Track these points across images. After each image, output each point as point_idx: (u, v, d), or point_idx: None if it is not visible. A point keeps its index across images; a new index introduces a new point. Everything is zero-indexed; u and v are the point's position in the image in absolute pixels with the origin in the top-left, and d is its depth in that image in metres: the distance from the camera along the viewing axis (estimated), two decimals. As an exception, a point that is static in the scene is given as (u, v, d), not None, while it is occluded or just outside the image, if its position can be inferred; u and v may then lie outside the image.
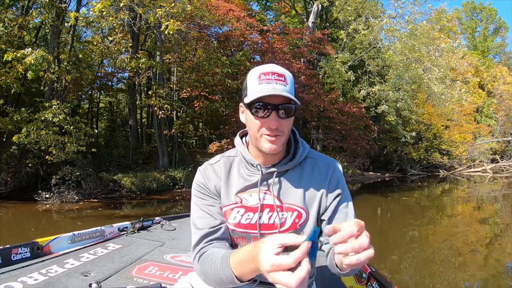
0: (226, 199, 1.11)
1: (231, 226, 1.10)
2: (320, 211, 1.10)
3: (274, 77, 0.99)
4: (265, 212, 1.08)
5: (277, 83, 0.99)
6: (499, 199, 12.08)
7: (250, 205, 1.08)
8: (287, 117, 1.01)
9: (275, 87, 0.98)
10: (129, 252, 2.26)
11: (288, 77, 1.01)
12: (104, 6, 7.95)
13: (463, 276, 4.44)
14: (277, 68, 1.02)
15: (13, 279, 1.72)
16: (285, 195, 1.08)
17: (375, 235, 6.82)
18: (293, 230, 1.06)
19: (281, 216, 1.07)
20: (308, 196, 1.09)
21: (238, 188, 1.10)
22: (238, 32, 13.52)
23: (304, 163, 1.12)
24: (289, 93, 0.99)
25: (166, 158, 12.96)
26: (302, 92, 13.67)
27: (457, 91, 15.55)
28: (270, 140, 1.01)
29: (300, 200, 1.07)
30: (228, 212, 1.10)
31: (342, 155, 18.31)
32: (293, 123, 1.07)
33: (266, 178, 1.09)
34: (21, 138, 8.31)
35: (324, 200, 1.10)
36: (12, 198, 9.03)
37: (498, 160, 24.15)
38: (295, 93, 1.04)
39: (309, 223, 1.08)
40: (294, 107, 1.00)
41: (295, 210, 1.07)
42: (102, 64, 15.58)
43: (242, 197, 1.09)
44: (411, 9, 15.48)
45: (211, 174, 1.13)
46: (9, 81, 8.62)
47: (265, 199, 1.07)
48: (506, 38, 36.37)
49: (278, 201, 1.08)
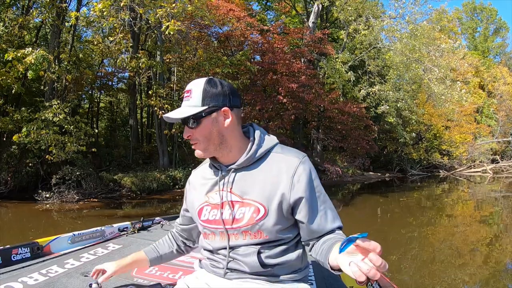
0: (199, 200, 1.22)
1: (203, 223, 1.20)
2: (283, 207, 1.09)
3: (184, 95, 1.15)
4: (226, 208, 1.13)
5: (184, 100, 1.13)
6: (499, 200, 12.08)
7: (214, 202, 1.16)
8: (195, 127, 1.12)
9: (182, 105, 1.13)
10: (129, 252, 2.25)
11: (194, 90, 1.12)
12: (104, 6, 7.97)
13: (463, 276, 4.44)
14: (189, 85, 1.15)
15: (13, 279, 1.72)
16: (244, 191, 1.12)
17: (375, 235, 6.81)
18: (251, 225, 1.10)
19: (240, 212, 1.12)
20: (267, 192, 1.09)
21: (206, 188, 1.20)
22: (239, 32, 13.53)
23: (267, 158, 1.14)
24: (192, 105, 1.11)
25: (166, 158, 12.96)
26: (303, 92, 13.68)
27: (458, 92, 15.56)
28: (193, 148, 1.15)
29: (258, 196, 1.10)
30: (200, 211, 1.21)
31: (343, 155, 18.33)
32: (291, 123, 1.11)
33: (224, 176, 1.15)
34: (21, 137, 8.32)
35: (287, 196, 1.08)
36: (12, 197, 9.05)
37: (498, 160, 24.13)
38: (205, 99, 1.11)
39: (269, 219, 1.09)
40: (199, 116, 1.10)
41: (253, 205, 1.10)
42: (103, 64, 15.57)
43: (209, 196, 1.18)
44: (411, 9, 15.52)
45: (193, 180, 1.29)
46: (10, 80, 8.63)
47: (226, 196, 1.13)
48: (507, 39, 36.36)
49: (237, 197, 1.12)
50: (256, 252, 1.11)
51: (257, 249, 1.11)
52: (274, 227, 1.10)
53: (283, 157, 1.13)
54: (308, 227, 1.10)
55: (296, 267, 1.17)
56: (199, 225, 1.23)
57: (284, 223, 1.11)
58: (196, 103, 1.11)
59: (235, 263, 1.14)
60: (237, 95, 1.16)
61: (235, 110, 1.14)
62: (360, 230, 1.01)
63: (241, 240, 1.12)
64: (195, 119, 1.10)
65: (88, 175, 9.90)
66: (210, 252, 1.22)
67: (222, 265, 1.17)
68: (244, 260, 1.12)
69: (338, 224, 1.13)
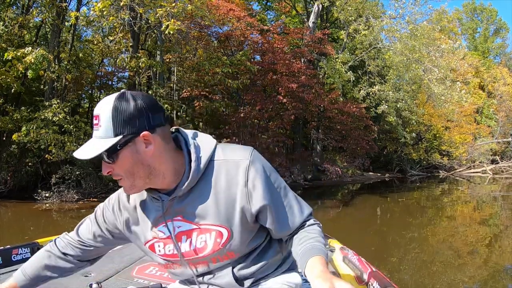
0: (144, 235, 1.04)
1: (162, 257, 1.05)
2: (246, 219, 0.97)
3: (94, 121, 0.90)
4: (183, 240, 0.99)
5: (94, 129, 0.90)
6: (499, 200, 12.09)
7: (165, 237, 1.00)
8: (111, 162, 0.89)
9: (93, 136, 0.90)
10: (129, 252, 2.26)
11: (102, 115, 0.87)
12: (104, 6, 7.96)
13: (463, 276, 4.44)
14: (96, 108, 0.90)
15: (13, 279, 1.72)
16: (198, 217, 0.97)
17: (375, 235, 6.83)
18: (218, 251, 0.98)
19: (200, 240, 0.98)
20: (224, 211, 0.95)
21: (150, 223, 1.01)
22: (239, 31, 13.52)
23: (209, 172, 0.96)
24: (101, 136, 0.87)
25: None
26: (303, 92, 13.68)
27: (457, 92, 15.57)
28: (120, 184, 0.96)
29: (215, 218, 0.96)
30: (151, 247, 1.05)
31: (342, 155, 18.32)
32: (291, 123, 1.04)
33: (170, 206, 0.97)
34: (21, 136, 8.31)
35: (247, 208, 0.95)
36: (11, 197, 9.04)
37: (498, 161, 24.14)
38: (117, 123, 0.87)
39: (235, 239, 0.97)
40: (112, 149, 0.87)
41: (213, 230, 0.97)
42: (103, 64, 15.54)
43: (156, 231, 1.01)
44: (411, 9, 15.51)
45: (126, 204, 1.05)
46: (9, 80, 8.62)
47: (179, 227, 0.98)
48: (507, 39, 36.38)
49: (193, 225, 0.98)
50: (230, 272, 1.01)
51: (230, 267, 1.01)
52: (242, 243, 0.99)
53: (228, 163, 0.96)
54: (278, 230, 1.00)
55: (278, 262, 1.08)
56: (157, 258, 1.06)
57: (251, 234, 1.01)
58: (107, 134, 0.87)
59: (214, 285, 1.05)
60: (157, 109, 0.91)
61: (159, 130, 0.90)
62: (360, 230, 1.00)
63: (212, 265, 1.02)
64: (109, 155, 0.87)
65: (88, 174, 9.89)
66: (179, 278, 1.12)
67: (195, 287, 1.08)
68: (219, 283, 1.03)
69: (307, 212, 1.02)
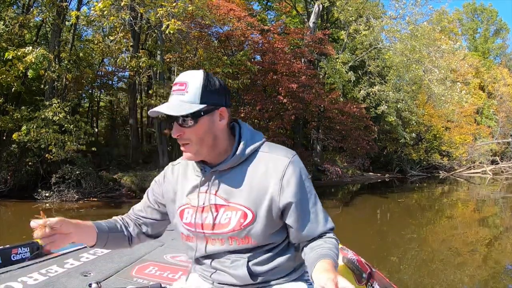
0: (179, 201, 1.12)
1: (185, 226, 1.10)
2: (272, 211, 1.02)
3: (176, 87, 1.00)
4: (210, 212, 1.05)
5: (176, 94, 0.99)
6: (499, 201, 12.09)
7: (196, 205, 1.07)
8: (189, 125, 0.98)
9: (172, 100, 0.99)
10: (129, 252, 2.26)
11: (191, 84, 0.98)
12: (105, 6, 7.96)
13: (462, 276, 4.44)
14: (182, 77, 1.01)
15: (13, 279, 1.72)
16: (230, 195, 1.03)
17: (374, 235, 6.83)
18: (238, 231, 1.03)
19: (225, 216, 1.04)
20: (255, 196, 1.02)
21: (187, 190, 1.10)
22: (239, 31, 13.53)
23: (253, 159, 1.05)
24: (188, 101, 0.97)
25: (166, 158, 12.94)
26: (303, 92, 13.68)
27: (458, 93, 15.58)
28: (182, 149, 1.03)
29: (245, 200, 1.02)
30: (181, 213, 1.12)
31: (342, 155, 18.33)
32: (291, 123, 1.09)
33: (209, 179, 1.06)
34: (21, 136, 8.32)
35: (277, 200, 1.01)
36: (12, 196, 9.04)
37: (498, 161, 24.14)
38: (203, 94, 0.99)
39: (257, 224, 1.02)
40: (197, 113, 0.97)
41: (240, 210, 1.02)
42: (103, 63, 15.56)
43: (191, 198, 1.08)
44: (412, 10, 15.53)
45: (169, 176, 1.17)
46: (10, 79, 8.63)
47: (210, 199, 1.05)
48: (507, 40, 36.33)
49: (223, 201, 1.04)
50: (245, 264, 1.05)
51: (246, 259, 1.05)
52: (263, 232, 1.03)
53: (271, 157, 1.04)
54: (299, 232, 1.04)
55: (289, 269, 1.12)
56: (181, 227, 1.13)
57: (273, 227, 1.05)
58: (194, 99, 0.97)
59: (222, 275, 1.09)
60: (230, 93, 1.07)
61: (228, 111, 1.05)
62: (360, 230, 1.01)
63: (228, 245, 1.05)
64: (192, 118, 0.97)
65: (88, 174, 9.89)
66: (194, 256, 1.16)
67: (209, 273, 1.12)
68: (233, 273, 1.07)
69: (330, 226, 1.07)
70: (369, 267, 1.84)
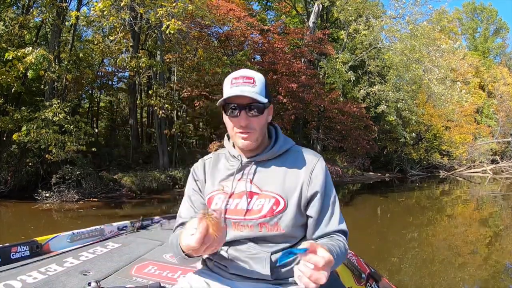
0: (209, 189, 1.20)
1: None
2: (301, 202, 1.12)
3: (242, 80, 1.10)
4: (243, 199, 1.12)
5: (245, 85, 1.09)
6: (499, 200, 12.08)
7: (229, 191, 1.14)
8: (256, 115, 1.10)
9: (242, 90, 1.08)
10: (128, 251, 2.26)
11: (257, 79, 1.11)
12: (105, 6, 7.95)
13: (463, 276, 4.44)
14: (247, 72, 1.13)
15: (12, 277, 1.72)
16: (264, 183, 1.12)
17: (374, 235, 6.82)
18: (270, 217, 1.09)
19: (259, 203, 1.11)
20: (287, 185, 1.12)
21: (221, 177, 1.19)
22: (239, 31, 13.53)
23: (286, 155, 1.18)
24: (258, 93, 1.09)
25: (166, 158, 12.96)
26: (303, 92, 13.68)
27: (458, 92, 15.56)
28: (242, 137, 1.12)
29: (278, 188, 1.11)
30: (211, 199, 1.18)
31: (342, 155, 18.32)
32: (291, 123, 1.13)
33: (245, 167, 1.16)
34: (21, 136, 8.32)
35: (305, 190, 1.12)
36: (12, 197, 9.03)
37: (498, 161, 24.13)
38: (266, 92, 1.13)
39: (288, 212, 1.10)
40: (262, 106, 1.10)
41: (273, 197, 1.10)
42: (103, 64, 15.57)
43: (224, 185, 1.16)
44: (411, 9, 15.51)
45: (201, 170, 1.25)
46: (10, 80, 8.62)
47: (246, 186, 1.13)
48: (507, 39, 36.34)
49: (257, 188, 1.12)
50: (268, 257, 1.10)
51: (269, 253, 1.10)
52: (291, 221, 1.10)
53: (302, 154, 1.18)
54: (317, 223, 1.12)
55: None
56: None
57: (299, 218, 1.13)
58: (261, 93, 1.11)
59: (241, 266, 1.12)
60: None
61: None
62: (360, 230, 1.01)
63: (256, 231, 1.11)
64: (263, 107, 1.11)
65: (88, 174, 9.89)
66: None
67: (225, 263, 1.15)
68: (254, 265, 1.10)
69: (344, 228, 1.14)
70: (369, 268, 1.85)
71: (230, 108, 1.10)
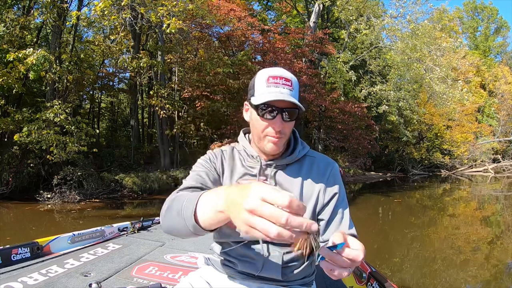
0: (228, 180, 1.15)
1: None
2: (316, 207, 1.12)
3: (281, 81, 1.04)
4: None
5: (284, 87, 1.04)
6: (501, 199, 12.05)
7: None
8: (290, 120, 1.07)
9: (282, 91, 1.03)
10: (129, 252, 2.26)
11: (294, 82, 1.06)
12: (105, 6, 7.96)
13: (464, 276, 4.42)
14: (285, 73, 1.07)
15: (13, 279, 1.72)
16: (283, 187, 1.10)
17: (376, 234, 6.81)
18: None
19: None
20: (305, 191, 1.12)
21: (239, 175, 1.15)
22: (240, 32, 13.53)
23: (303, 160, 1.17)
24: (294, 97, 1.04)
25: (167, 158, 12.96)
26: (304, 92, 13.67)
27: (459, 91, 15.54)
28: (272, 141, 1.08)
29: (296, 194, 1.10)
30: None
31: (344, 154, 18.30)
32: (294, 124, 1.11)
33: (265, 170, 1.14)
34: (23, 137, 8.33)
35: (322, 196, 1.13)
36: (13, 198, 9.04)
37: (500, 160, 24.09)
38: (299, 97, 1.09)
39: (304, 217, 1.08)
40: (297, 111, 1.06)
41: None
42: (104, 64, 15.61)
43: (241, 182, 1.13)
44: (412, 8, 15.48)
45: (219, 158, 1.19)
46: (11, 81, 8.63)
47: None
48: (508, 38, 36.24)
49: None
50: (281, 257, 1.10)
51: (282, 252, 1.10)
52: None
53: (317, 161, 1.18)
54: (326, 226, 1.11)
55: (308, 273, 1.18)
56: None
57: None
58: (296, 97, 1.06)
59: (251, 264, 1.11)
60: None
61: None
62: (362, 229, 1.01)
63: None
64: (298, 113, 1.07)
65: (90, 175, 9.90)
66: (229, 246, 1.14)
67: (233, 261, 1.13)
68: (266, 264, 1.10)
69: (353, 232, 1.12)
70: (370, 267, 1.84)
71: (267, 110, 1.04)
